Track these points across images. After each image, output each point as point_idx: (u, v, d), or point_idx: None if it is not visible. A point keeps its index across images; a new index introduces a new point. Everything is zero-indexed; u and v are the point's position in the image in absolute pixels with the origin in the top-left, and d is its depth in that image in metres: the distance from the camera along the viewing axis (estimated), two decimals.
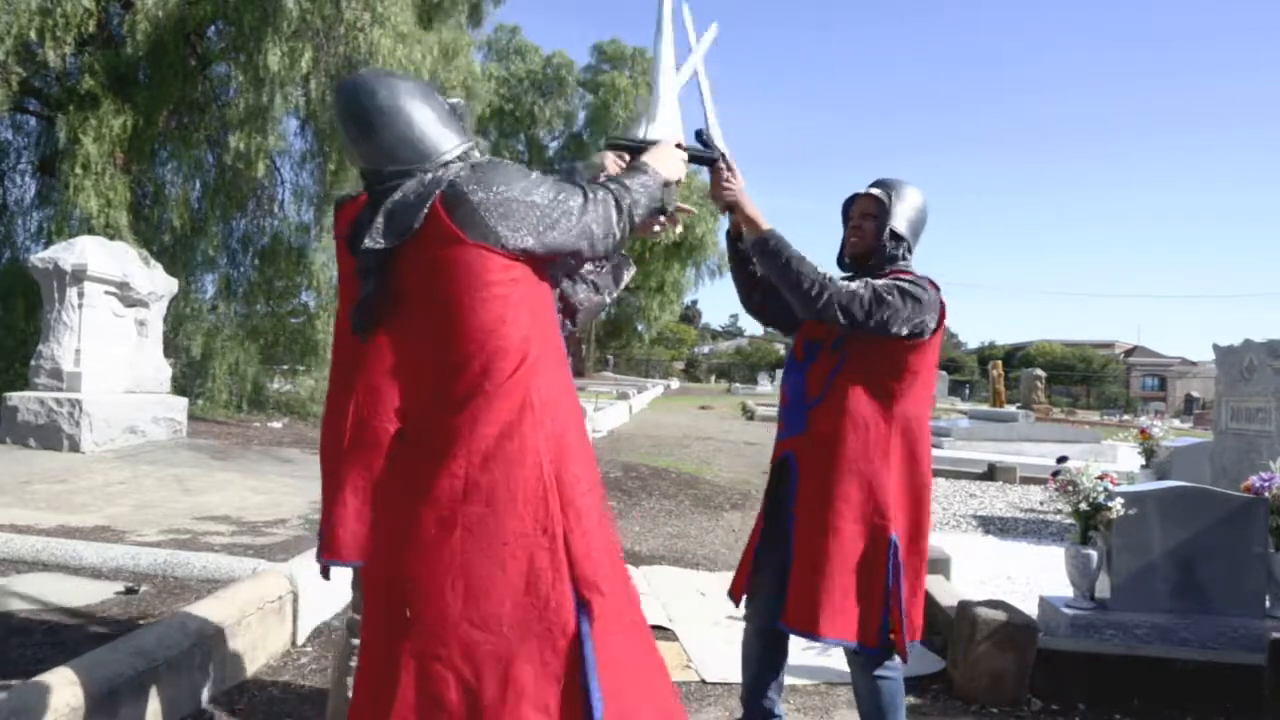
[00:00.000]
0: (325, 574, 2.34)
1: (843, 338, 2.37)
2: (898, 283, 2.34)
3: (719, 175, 2.38)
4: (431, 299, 1.59)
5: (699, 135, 2.35)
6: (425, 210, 1.57)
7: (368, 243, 1.59)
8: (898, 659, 2.41)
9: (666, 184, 1.94)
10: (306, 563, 3.50)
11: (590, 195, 1.70)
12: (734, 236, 2.61)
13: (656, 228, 2.16)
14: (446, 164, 1.66)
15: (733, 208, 2.44)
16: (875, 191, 2.50)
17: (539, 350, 1.60)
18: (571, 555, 1.54)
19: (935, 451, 2.58)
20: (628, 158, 2.01)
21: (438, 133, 1.69)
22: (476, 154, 1.74)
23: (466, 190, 1.58)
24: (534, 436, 1.54)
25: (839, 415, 2.34)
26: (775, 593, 2.44)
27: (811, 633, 2.32)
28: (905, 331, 2.30)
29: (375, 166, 1.67)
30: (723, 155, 2.37)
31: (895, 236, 2.46)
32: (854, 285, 2.32)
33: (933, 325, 2.35)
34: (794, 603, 2.35)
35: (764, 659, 2.59)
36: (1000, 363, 26.53)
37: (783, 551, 2.42)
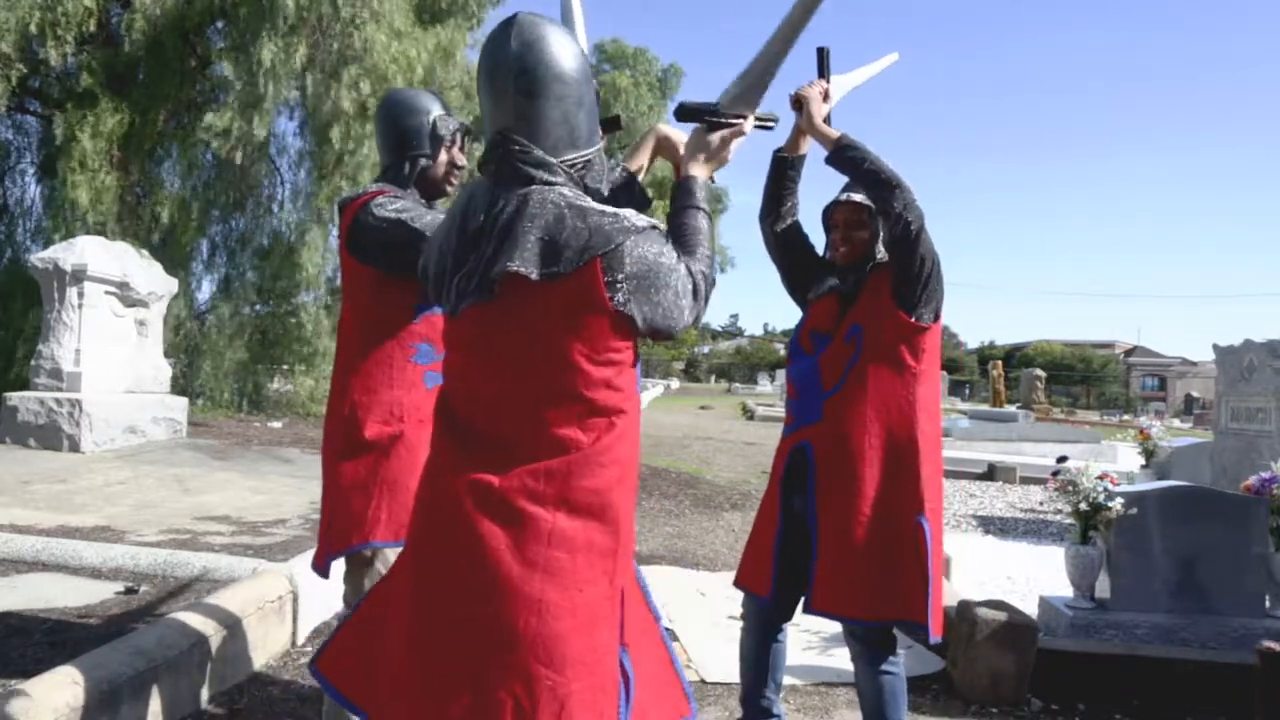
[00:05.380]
0: (323, 572, 2.36)
1: (857, 327, 2.35)
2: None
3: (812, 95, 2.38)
4: (533, 342, 1.44)
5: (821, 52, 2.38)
6: (581, 263, 1.40)
7: (516, 266, 1.39)
8: (902, 655, 2.41)
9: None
10: (306, 563, 3.49)
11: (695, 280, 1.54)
12: (782, 159, 2.51)
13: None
14: (587, 164, 1.53)
15: (803, 105, 2.37)
16: (859, 199, 2.42)
17: (632, 411, 1.54)
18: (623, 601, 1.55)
19: None
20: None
21: (589, 128, 1.54)
22: (600, 168, 1.59)
23: (627, 260, 1.42)
24: (620, 491, 1.53)
25: (861, 402, 2.31)
26: (790, 587, 2.42)
27: (840, 614, 2.33)
28: (928, 280, 2.28)
29: (507, 129, 1.48)
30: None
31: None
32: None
33: (940, 309, 2.36)
34: (821, 587, 2.32)
35: (762, 659, 2.57)
36: (1000, 363, 26.56)
37: (796, 545, 2.39)
